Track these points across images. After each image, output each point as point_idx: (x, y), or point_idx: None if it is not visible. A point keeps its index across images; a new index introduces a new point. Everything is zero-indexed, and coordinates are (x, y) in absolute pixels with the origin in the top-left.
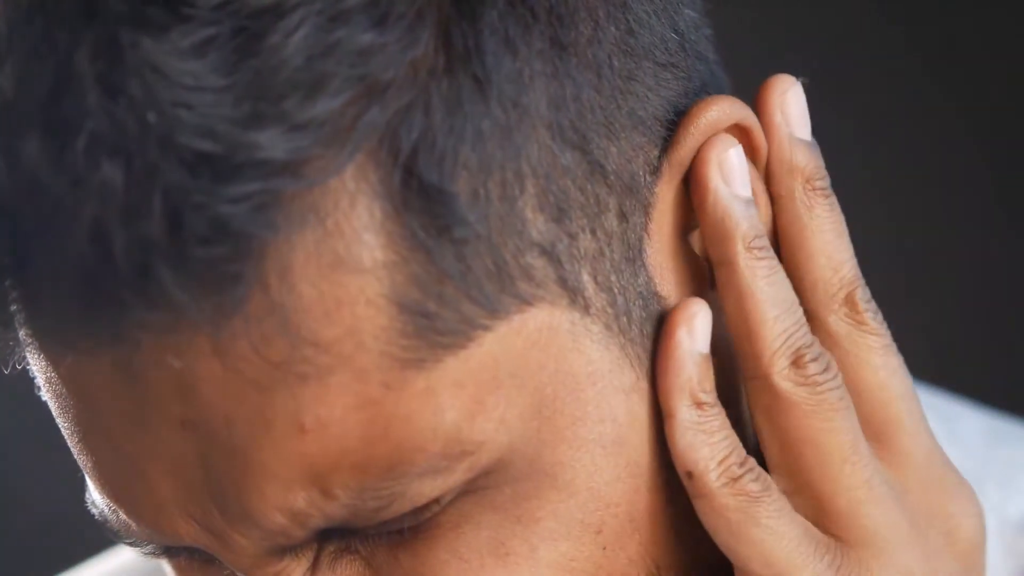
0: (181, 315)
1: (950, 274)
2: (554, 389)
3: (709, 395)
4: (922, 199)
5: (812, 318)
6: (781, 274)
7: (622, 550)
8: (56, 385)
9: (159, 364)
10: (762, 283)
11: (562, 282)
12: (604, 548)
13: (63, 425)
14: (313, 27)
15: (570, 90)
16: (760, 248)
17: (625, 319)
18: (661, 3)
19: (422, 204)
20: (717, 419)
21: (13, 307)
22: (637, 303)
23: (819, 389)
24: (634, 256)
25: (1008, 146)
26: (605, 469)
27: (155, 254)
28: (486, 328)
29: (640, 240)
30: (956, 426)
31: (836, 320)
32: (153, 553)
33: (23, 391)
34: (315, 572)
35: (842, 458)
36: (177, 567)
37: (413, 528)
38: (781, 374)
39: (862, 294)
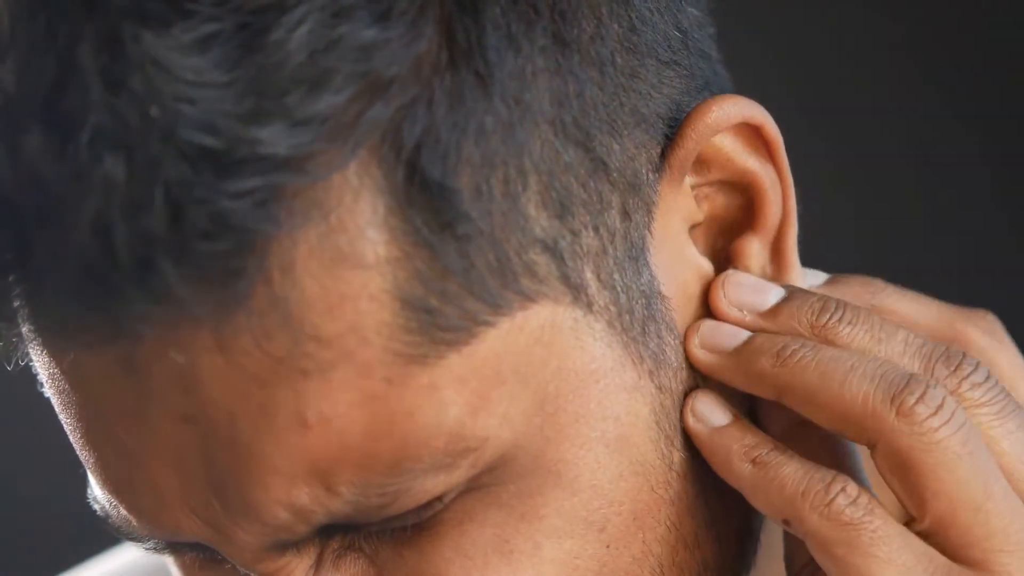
0: (183, 309)
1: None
2: (557, 386)
3: (758, 447)
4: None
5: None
6: (825, 350)
7: (626, 548)
8: (58, 381)
9: (161, 359)
10: (813, 375)
11: (565, 279)
12: (608, 546)
13: (65, 421)
14: (316, 23)
15: (573, 87)
16: (790, 353)
17: (628, 317)
18: (664, 1)
19: (425, 200)
20: (778, 458)
21: (16, 303)
22: (640, 302)
23: (937, 437)
24: (637, 254)
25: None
26: (609, 467)
27: (157, 248)
28: (489, 324)
29: (643, 239)
30: None
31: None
32: (155, 548)
33: (24, 389)
34: (319, 570)
35: (974, 507)
36: (182, 565)
37: (417, 525)
38: (894, 430)
39: (944, 367)
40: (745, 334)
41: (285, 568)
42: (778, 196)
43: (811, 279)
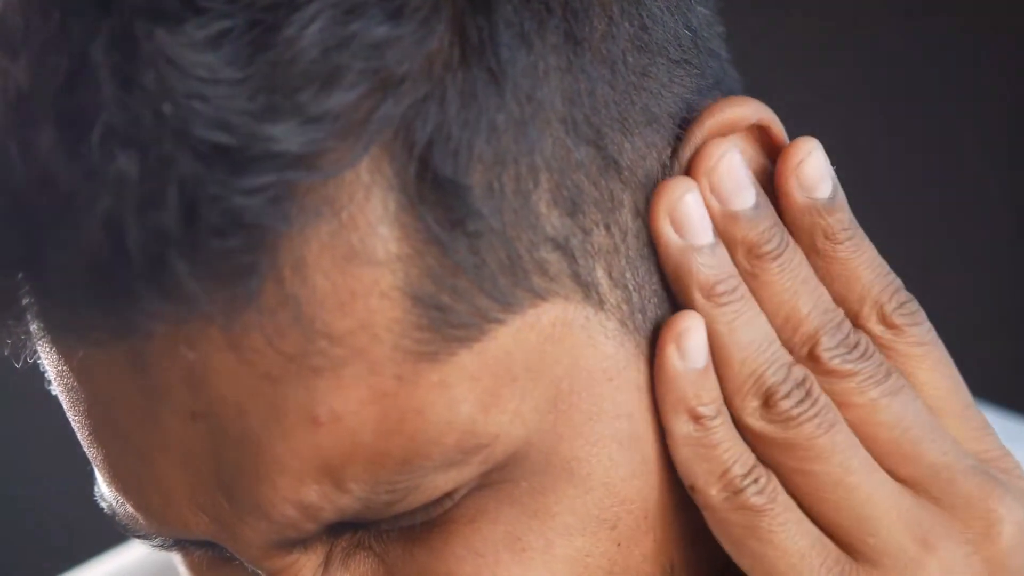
0: (195, 306)
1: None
2: (570, 384)
3: (709, 407)
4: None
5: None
6: (749, 315)
7: (637, 546)
8: (67, 378)
9: (171, 355)
10: (724, 328)
11: (576, 277)
12: (619, 544)
13: (73, 419)
14: (328, 20)
15: (584, 85)
16: (721, 294)
17: (640, 316)
18: (674, 0)
19: (437, 197)
20: (718, 431)
21: (25, 300)
22: (652, 301)
23: (791, 427)
24: (649, 253)
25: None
26: (621, 465)
27: (169, 245)
28: (500, 322)
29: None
30: None
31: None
32: (162, 546)
33: (27, 387)
34: (327, 568)
35: (834, 482)
36: (190, 563)
37: (427, 523)
38: (750, 413)
39: (826, 341)
40: (708, 238)
41: (293, 566)
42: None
43: None
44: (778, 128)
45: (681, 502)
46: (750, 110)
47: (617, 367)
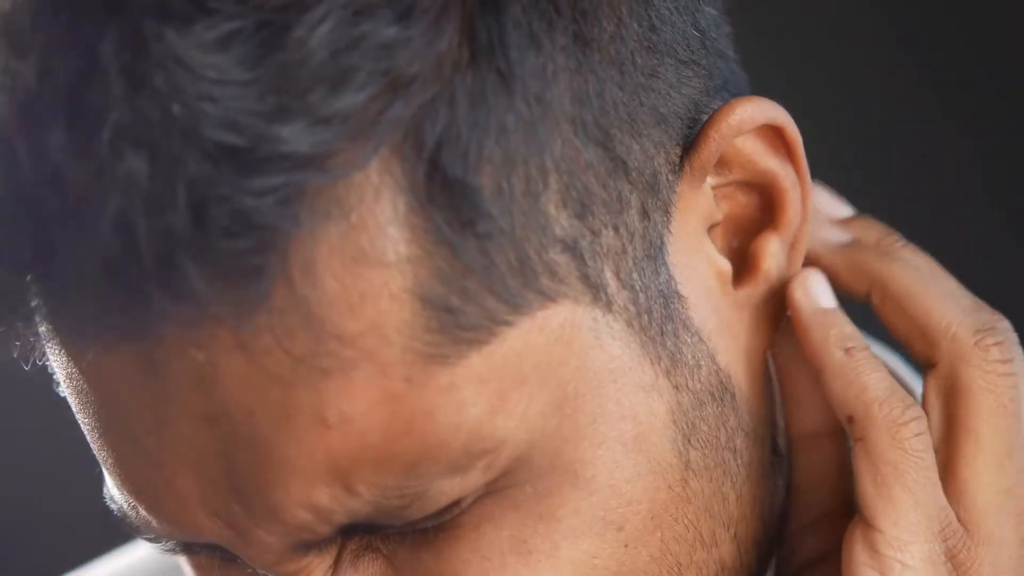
0: (204, 308)
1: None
2: (576, 386)
3: (853, 339)
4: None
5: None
6: (928, 262)
7: (644, 548)
8: (77, 380)
9: (181, 357)
10: (912, 281)
11: (585, 278)
12: (626, 546)
13: (83, 420)
14: (338, 21)
15: (593, 86)
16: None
17: (646, 317)
18: (683, 1)
19: (446, 198)
20: (869, 360)
21: (34, 302)
22: (658, 301)
23: (997, 379)
24: (656, 254)
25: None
26: (626, 466)
27: (179, 246)
28: (509, 324)
29: (662, 238)
30: None
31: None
32: (172, 549)
33: (32, 387)
34: (337, 570)
35: (996, 460)
36: (196, 565)
37: (436, 527)
38: (964, 356)
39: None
40: (849, 234)
41: (304, 569)
42: (798, 196)
43: None
44: (791, 129)
45: (688, 503)
46: (761, 109)
47: (623, 368)
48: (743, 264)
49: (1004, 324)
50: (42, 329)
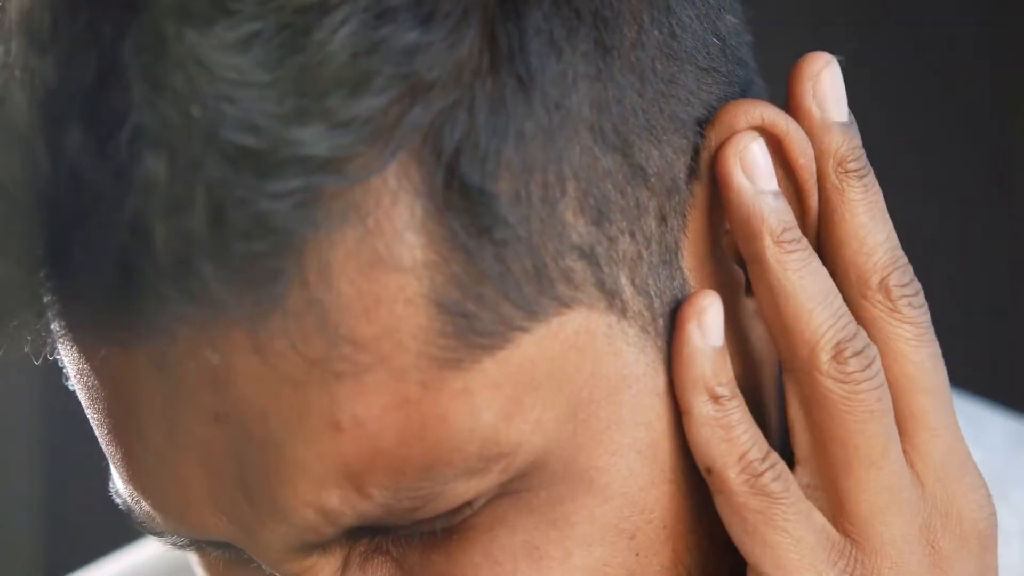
0: (220, 310)
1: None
2: (590, 392)
3: (726, 387)
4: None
5: (850, 307)
6: (816, 264)
7: (655, 556)
8: (88, 376)
9: (195, 358)
10: (794, 276)
11: (600, 285)
12: (637, 554)
13: (92, 416)
14: (358, 24)
15: (613, 93)
16: (790, 241)
17: (661, 322)
18: (704, 8)
19: (463, 204)
20: (736, 412)
21: (47, 298)
22: (672, 306)
23: (857, 388)
24: (671, 259)
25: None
26: (640, 474)
27: (196, 248)
28: (524, 330)
29: (677, 242)
30: (981, 429)
31: (869, 307)
32: (178, 545)
33: (42, 382)
34: (345, 572)
35: (870, 461)
36: (207, 564)
37: (446, 529)
38: (821, 369)
39: (897, 279)
40: (775, 186)
41: (311, 569)
42: (793, 207)
43: None
44: (791, 140)
45: (701, 512)
46: (758, 111)
47: (636, 374)
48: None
49: (863, 334)
50: (54, 325)
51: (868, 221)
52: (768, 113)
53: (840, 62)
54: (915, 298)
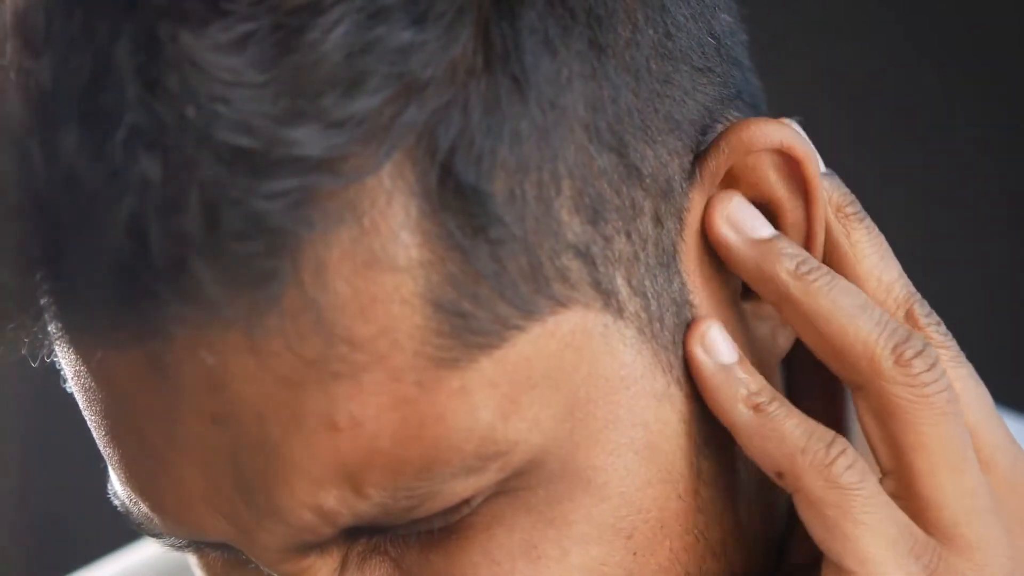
0: (216, 310)
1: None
2: (587, 392)
3: (761, 394)
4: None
5: None
6: (843, 283)
7: (652, 556)
8: (85, 378)
9: (192, 359)
10: (824, 300)
11: (596, 284)
12: (635, 554)
13: (90, 418)
14: (353, 24)
15: (608, 92)
16: (809, 271)
17: (658, 324)
18: (698, 7)
19: (459, 204)
20: (780, 410)
21: (44, 300)
22: (671, 309)
23: (926, 391)
24: (668, 261)
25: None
26: (637, 474)
27: (191, 248)
28: (520, 329)
29: (674, 245)
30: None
31: None
32: (176, 546)
33: (39, 383)
34: (343, 572)
35: (952, 466)
36: (204, 564)
37: (444, 529)
38: (886, 376)
39: (920, 309)
40: (771, 229)
41: (309, 569)
42: (801, 231)
43: None
44: (807, 164)
45: (698, 513)
46: (779, 134)
47: (634, 375)
48: None
49: (918, 335)
50: (51, 327)
51: (879, 261)
52: (787, 136)
53: (799, 121)
54: (940, 325)
